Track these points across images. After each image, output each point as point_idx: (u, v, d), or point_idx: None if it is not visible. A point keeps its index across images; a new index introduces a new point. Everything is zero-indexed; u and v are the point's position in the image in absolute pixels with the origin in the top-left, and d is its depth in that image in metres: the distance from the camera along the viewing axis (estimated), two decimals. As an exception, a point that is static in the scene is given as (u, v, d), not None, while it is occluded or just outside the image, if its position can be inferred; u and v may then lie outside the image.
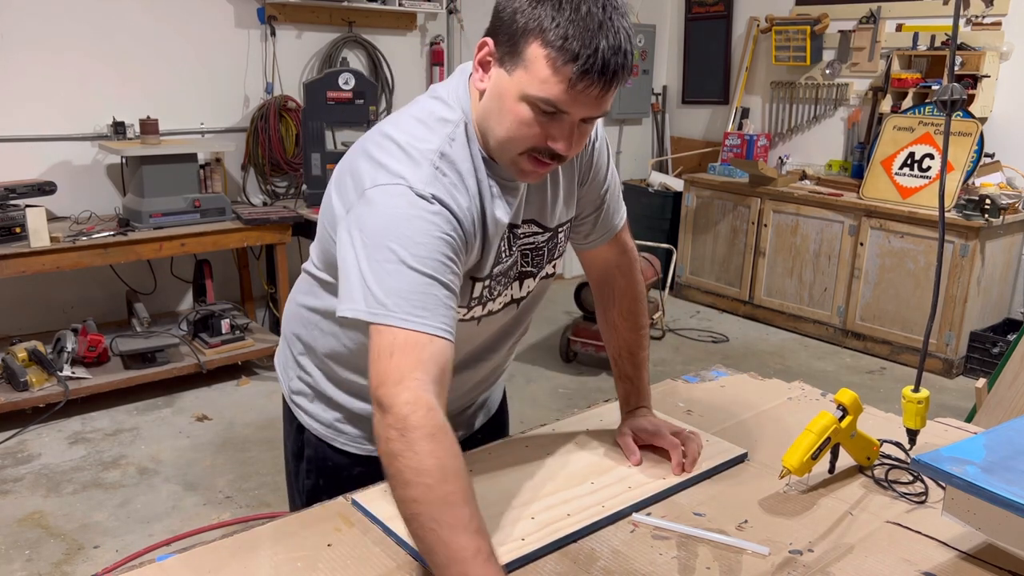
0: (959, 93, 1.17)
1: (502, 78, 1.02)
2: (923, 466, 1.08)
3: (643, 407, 1.40)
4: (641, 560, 1.08)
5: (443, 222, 1.02)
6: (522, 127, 1.02)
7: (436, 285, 0.99)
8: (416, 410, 0.92)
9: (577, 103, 0.99)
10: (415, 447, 0.91)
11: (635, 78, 5.82)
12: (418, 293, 0.98)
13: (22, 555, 2.54)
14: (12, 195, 3.32)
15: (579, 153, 1.26)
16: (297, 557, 1.06)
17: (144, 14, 3.85)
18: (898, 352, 4.44)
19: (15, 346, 3.39)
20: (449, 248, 1.01)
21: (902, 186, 4.47)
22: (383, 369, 0.96)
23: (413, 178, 1.02)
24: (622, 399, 1.41)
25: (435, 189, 1.03)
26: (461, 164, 1.07)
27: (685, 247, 5.49)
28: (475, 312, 1.21)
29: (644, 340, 1.42)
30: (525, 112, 1.01)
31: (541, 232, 1.24)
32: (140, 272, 4.03)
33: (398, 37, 4.72)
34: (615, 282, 1.40)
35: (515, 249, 1.20)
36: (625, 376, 1.40)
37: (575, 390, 3.96)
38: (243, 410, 3.62)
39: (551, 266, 1.31)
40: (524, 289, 1.27)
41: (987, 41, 4.40)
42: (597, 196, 1.32)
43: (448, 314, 1.00)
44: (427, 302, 0.98)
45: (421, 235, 0.99)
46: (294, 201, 4.27)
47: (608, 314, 1.42)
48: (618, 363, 1.41)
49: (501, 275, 1.19)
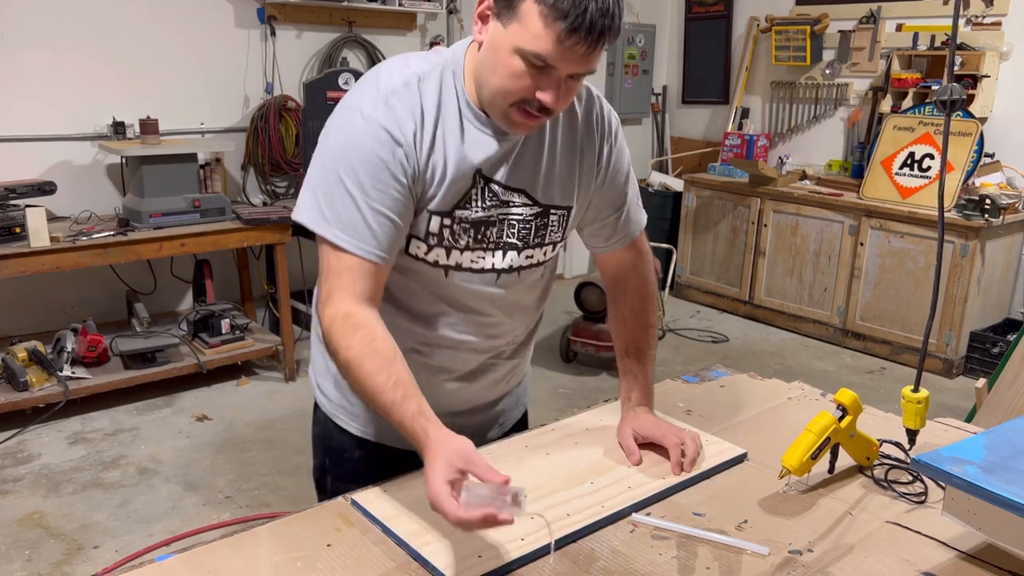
0: (959, 93, 1.17)
1: (498, 31, 1.08)
2: (923, 466, 1.08)
3: (645, 405, 1.40)
4: (641, 560, 1.08)
5: (382, 147, 1.13)
6: (513, 79, 1.08)
7: (377, 213, 1.13)
8: (335, 319, 1.13)
9: (565, 59, 1.05)
10: (339, 347, 1.12)
11: (635, 78, 5.82)
12: (358, 218, 1.13)
13: (22, 555, 2.54)
14: (12, 195, 3.32)
15: (588, 142, 1.29)
16: (297, 557, 1.06)
17: (144, 14, 3.85)
18: (898, 352, 4.44)
19: (15, 346, 3.39)
20: (388, 174, 1.13)
21: (902, 186, 4.47)
22: (320, 290, 1.18)
23: (364, 105, 1.14)
24: (624, 395, 1.42)
25: (380, 114, 1.13)
26: (426, 98, 1.16)
27: (685, 247, 5.49)
28: (439, 257, 1.23)
29: (652, 339, 1.45)
30: (517, 65, 1.07)
31: (531, 205, 1.25)
32: (140, 272, 4.03)
33: (398, 37, 4.72)
34: (629, 281, 1.44)
35: (490, 204, 1.22)
36: (630, 372, 1.42)
37: (575, 390, 3.96)
38: (243, 410, 3.62)
39: (541, 252, 1.31)
40: (507, 261, 1.27)
41: (987, 41, 4.40)
42: (618, 196, 1.36)
43: (382, 238, 1.14)
44: (358, 226, 1.13)
45: (363, 161, 1.12)
46: (294, 201, 4.26)
47: (619, 309, 1.44)
48: (624, 359, 1.43)
49: (470, 224, 1.21)
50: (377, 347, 1.11)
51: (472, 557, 1.05)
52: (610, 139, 1.32)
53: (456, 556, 1.05)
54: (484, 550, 1.06)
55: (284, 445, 3.30)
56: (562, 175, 1.27)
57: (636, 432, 1.35)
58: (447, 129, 1.17)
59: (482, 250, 1.24)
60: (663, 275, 5.14)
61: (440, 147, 1.17)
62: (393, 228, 1.15)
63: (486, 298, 1.29)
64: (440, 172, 1.17)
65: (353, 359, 1.11)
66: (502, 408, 1.49)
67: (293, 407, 3.66)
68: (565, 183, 1.28)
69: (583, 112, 1.29)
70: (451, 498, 0.96)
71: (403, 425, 1.07)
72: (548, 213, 1.28)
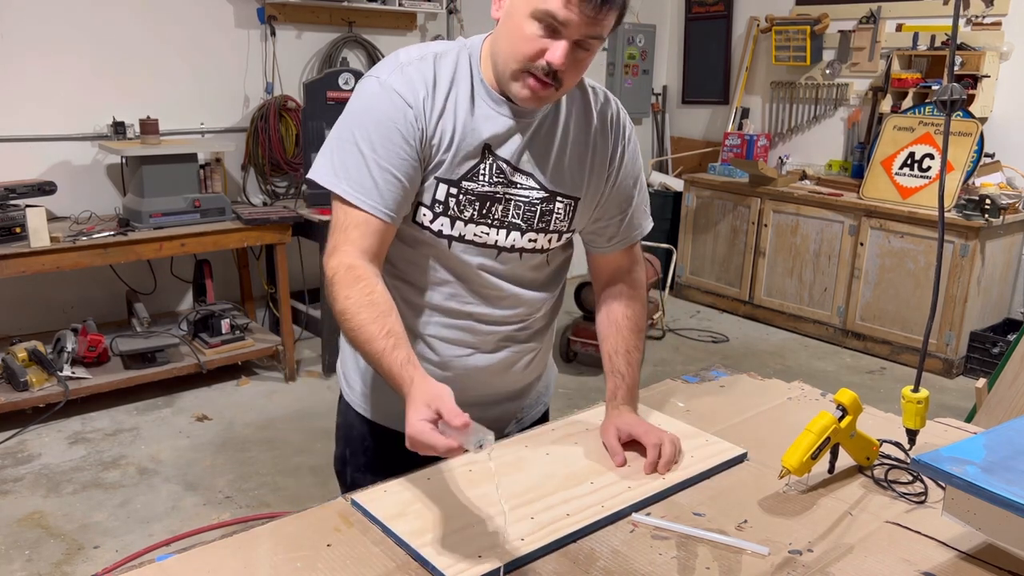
0: (959, 93, 1.17)
1: (514, 1, 1.15)
2: (923, 466, 1.08)
3: (629, 405, 1.41)
4: (641, 560, 1.08)
5: (394, 109, 1.20)
6: (524, 41, 1.14)
7: (384, 171, 1.20)
8: (338, 270, 1.19)
9: (574, 19, 1.10)
10: (338, 295, 1.18)
11: (635, 78, 5.82)
12: (367, 176, 1.20)
13: (22, 555, 2.54)
14: (12, 195, 3.32)
15: (601, 139, 1.33)
16: (297, 557, 1.06)
17: (144, 14, 3.85)
18: (898, 352, 4.44)
19: (15, 346, 3.39)
20: (398, 134, 1.20)
21: (902, 186, 4.47)
22: (329, 242, 1.23)
23: (382, 73, 1.23)
24: (610, 394, 1.42)
25: (394, 79, 1.21)
26: (440, 70, 1.23)
27: (685, 247, 5.49)
28: (443, 226, 1.27)
29: (642, 343, 1.46)
30: (530, 27, 1.13)
31: (537, 188, 1.29)
32: (140, 272, 4.03)
33: (398, 37, 4.72)
34: (624, 285, 1.46)
35: (497, 180, 1.26)
36: (617, 372, 1.42)
37: (575, 390, 3.96)
38: (243, 410, 3.62)
39: (546, 238, 1.33)
40: (509, 240, 1.30)
41: (987, 41, 4.40)
42: (625, 199, 1.39)
43: (388, 197, 1.20)
44: (366, 183, 1.20)
45: (374, 122, 1.20)
46: (294, 201, 4.27)
47: (612, 312, 1.46)
48: (612, 359, 1.44)
49: (475, 197, 1.26)
50: (375, 299, 1.17)
51: (472, 557, 1.05)
52: (623, 141, 1.36)
53: (456, 556, 1.05)
54: (484, 550, 1.06)
55: (284, 445, 3.30)
56: (572, 165, 1.31)
57: (619, 429, 1.35)
58: (459, 100, 1.23)
59: (486, 225, 1.28)
60: (663, 275, 5.13)
61: (451, 115, 1.23)
62: (400, 188, 1.21)
63: (488, 269, 1.32)
64: (448, 138, 1.23)
65: (351, 307, 1.16)
66: (521, 404, 1.52)
67: (293, 407, 3.66)
68: (575, 173, 1.32)
69: (599, 110, 1.33)
70: (434, 432, 1.00)
71: (392, 371, 1.12)
72: (555, 199, 1.31)
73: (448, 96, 1.23)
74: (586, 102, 1.32)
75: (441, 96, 1.22)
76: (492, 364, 1.40)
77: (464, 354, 1.38)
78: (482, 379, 1.41)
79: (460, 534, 1.10)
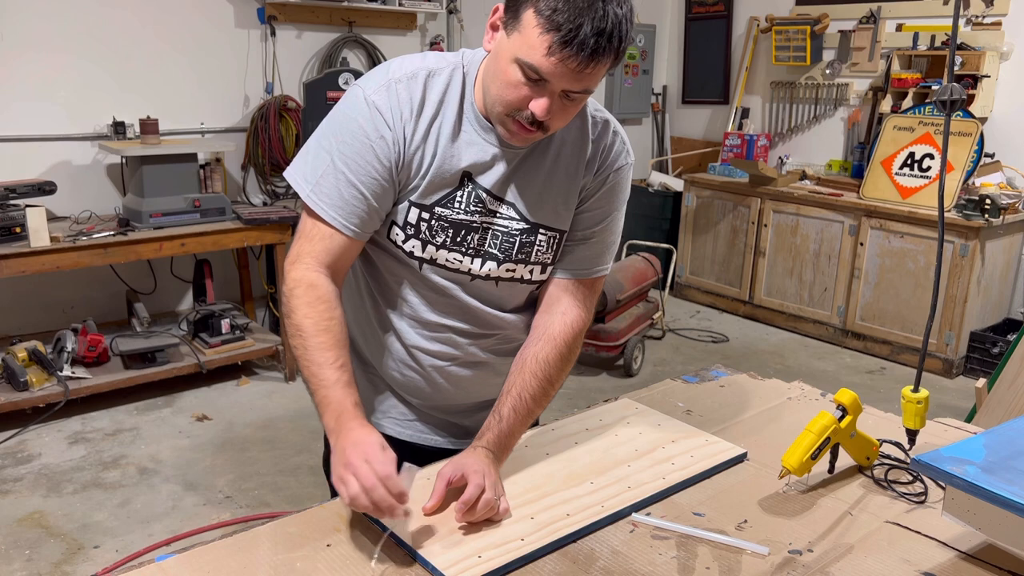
0: (959, 93, 1.17)
1: (503, 40, 1.11)
2: (923, 466, 1.09)
3: (492, 452, 1.22)
4: (641, 560, 1.08)
5: (372, 128, 1.17)
6: (509, 87, 1.10)
7: (352, 187, 1.17)
8: (299, 285, 1.19)
9: (557, 73, 1.06)
10: (296, 310, 1.18)
11: (635, 78, 5.82)
12: (335, 189, 1.18)
13: (22, 555, 2.54)
14: (12, 195, 3.32)
15: (589, 169, 1.26)
16: (296, 557, 1.06)
17: (144, 14, 3.85)
18: (898, 352, 4.44)
19: (15, 346, 3.39)
20: (372, 154, 1.17)
21: (902, 186, 4.47)
22: (292, 247, 1.23)
23: (369, 87, 1.19)
24: (479, 432, 1.25)
25: (378, 97, 1.18)
26: (430, 94, 1.19)
27: (685, 247, 5.49)
28: (414, 248, 1.24)
29: (545, 400, 1.29)
30: (514, 74, 1.09)
31: (518, 219, 1.25)
32: (140, 272, 4.03)
33: (398, 37, 4.72)
34: (554, 324, 1.30)
35: (475, 209, 1.23)
36: (497, 412, 1.25)
37: (575, 390, 3.96)
38: (243, 410, 3.62)
39: (526, 269, 1.29)
40: (485, 269, 1.27)
41: (987, 41, 4.40)
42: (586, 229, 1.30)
43: (353, 213, 1.18)
44: (334, 196, 1.18)
45: (352, 137, 1.18)
46: (294, 201, 4.27)
47: (527, 347, 1.30)
48: (501, 397, 1.27)
49: (449, 224, 1.23)
50: (332, 326, 1.18)
51: (472, 557, 1.05)
52: (607, 172, 1.28)
53: (456, 556, 1.05)
54: (484, 550, 1.06)
55: (284, 445, 3.30)
56: (557, 197, 1.26)
57: (455, 470, 1.16)
58: (443, 125, 1.20)
59: (460, 253, 1.25)
60: (663, 275, 5.13)
61: (432, 141, 1.20)
62: (366, 206, 1.19)
63: (464, 290, 1.29)
64: (426, 165, 1.20)
65: (308, 328, 1.17)
66: None
67: (293, 407, 3.66)
68: (559, 206, 1.26)
69: (595, 138, 1.27)
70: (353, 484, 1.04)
71: (342, 405, 1.13)
72: (536, 231, 1.26)
73: (433, 121, 1.19)
74: (583, 130, 1.26)
75: (425, 120, 1.19)
76: (473, 374, 1.37)
77: (445, 364, 1.35)
78: (464, 387, 1.38)
79: (460, 534, 1.10)
